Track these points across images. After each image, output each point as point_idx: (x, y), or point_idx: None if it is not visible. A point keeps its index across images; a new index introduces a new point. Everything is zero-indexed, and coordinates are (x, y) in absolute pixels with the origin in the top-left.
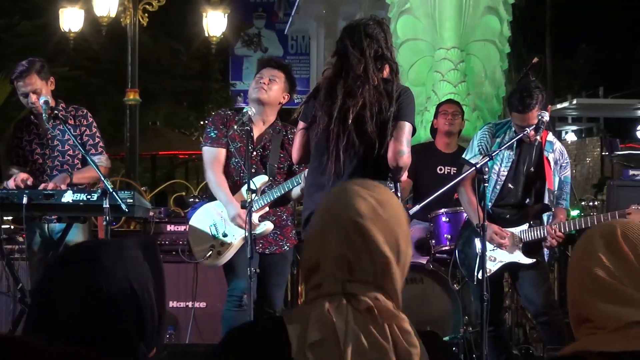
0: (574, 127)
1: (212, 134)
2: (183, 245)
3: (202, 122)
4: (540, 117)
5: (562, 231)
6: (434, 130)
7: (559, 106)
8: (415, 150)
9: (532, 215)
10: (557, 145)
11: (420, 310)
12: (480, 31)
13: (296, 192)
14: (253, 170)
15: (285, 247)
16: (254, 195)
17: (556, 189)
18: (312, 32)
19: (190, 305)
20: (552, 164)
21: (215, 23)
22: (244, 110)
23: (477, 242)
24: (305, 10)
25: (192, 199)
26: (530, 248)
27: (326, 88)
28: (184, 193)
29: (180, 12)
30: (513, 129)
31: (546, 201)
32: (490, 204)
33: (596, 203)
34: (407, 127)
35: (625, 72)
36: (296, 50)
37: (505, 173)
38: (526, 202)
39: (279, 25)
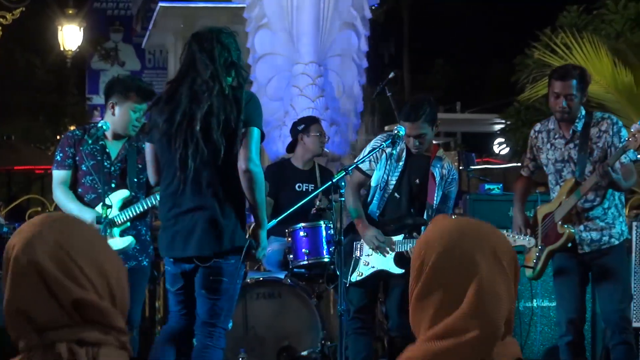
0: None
1: (58, 157)
2: None
3: (58, 137)
4: (395, 131)
5: None
6: (292, 146)
7: None
8: (272, 170)
9: (410, 228)
10: (446, 162)
11: (278, 325)
12: (337, 46)
13: None
14: (113, 186)
15: (144, 262)
16: (113, 209)
17: (437, 202)
18: (169, 46)
19: None
20: (437, 179)
21: (71, 36)
22: (99, 125)
23: (357, 248)
24: (163, 24)
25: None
26: (402, 259)
27: (167, 93)
28: (39, 208)
29: (36, 25)
30: (404, 140)
31: (425, 216)
32: (378, 211)
33: (453, 217)
34: (255, 132)
35: (482, 87)
36: (154, 65)
37: (394, 182)
38: (410, 212)
39: (136, 39)
